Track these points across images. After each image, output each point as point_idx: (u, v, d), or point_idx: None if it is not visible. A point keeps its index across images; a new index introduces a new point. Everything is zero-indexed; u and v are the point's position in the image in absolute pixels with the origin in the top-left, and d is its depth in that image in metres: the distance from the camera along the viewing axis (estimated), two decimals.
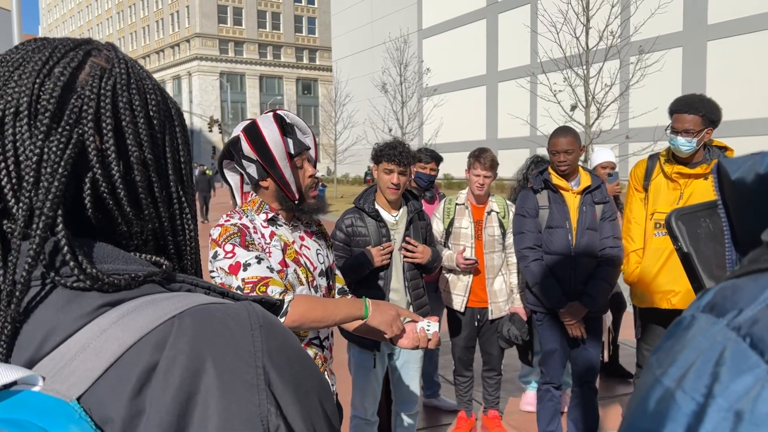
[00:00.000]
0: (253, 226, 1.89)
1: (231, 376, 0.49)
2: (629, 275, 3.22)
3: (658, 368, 0.43)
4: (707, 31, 22.15)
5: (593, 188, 3.22)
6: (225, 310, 0.54)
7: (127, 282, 0.54)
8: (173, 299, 0.53)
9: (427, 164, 4.05)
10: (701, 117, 2.90)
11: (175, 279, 0.59)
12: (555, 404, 3.39)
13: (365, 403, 2.99)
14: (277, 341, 0.54)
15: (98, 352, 0.48)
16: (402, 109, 25.33)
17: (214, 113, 58.67)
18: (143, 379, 0.47)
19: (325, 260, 2.08)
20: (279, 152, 1.87)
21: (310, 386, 0.54)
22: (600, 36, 12.59)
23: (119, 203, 0.58)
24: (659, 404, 0.40)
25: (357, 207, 3.01)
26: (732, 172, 0.54)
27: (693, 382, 0.39)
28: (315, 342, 1.97)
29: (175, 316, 0.51)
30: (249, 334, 0.52)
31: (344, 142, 29.54)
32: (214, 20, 64.60)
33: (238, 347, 0.50)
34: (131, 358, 0.48)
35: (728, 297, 0.41)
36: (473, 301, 3.68)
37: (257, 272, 1.77)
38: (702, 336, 0.41)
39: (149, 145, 0.61)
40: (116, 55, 0.63)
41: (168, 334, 0.50)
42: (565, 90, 12.67)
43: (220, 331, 0.51)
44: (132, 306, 0.52)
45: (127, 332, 0.49)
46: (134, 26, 75.80)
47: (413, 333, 1.96)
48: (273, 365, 0.51)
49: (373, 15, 39.70)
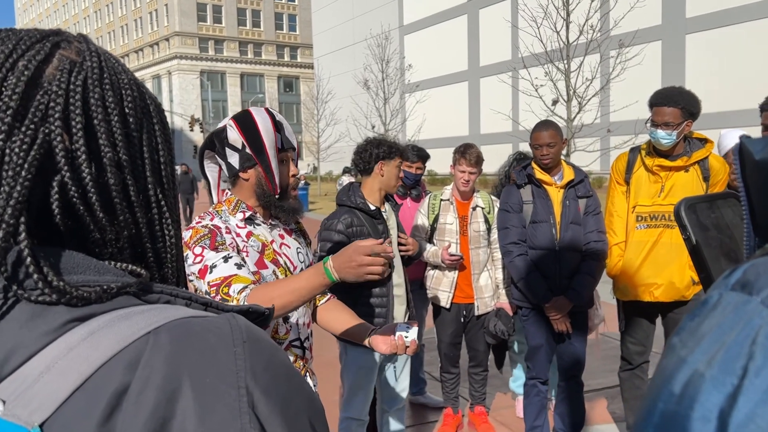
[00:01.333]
0: (226, 227, 1.83)
1: (210, 399, 0.44)
2: (612, 268, 3.23)
3: (682, 348, 0.40)
4: (686, 25, 22.37)
5: (576, 182, 3.22)
6: (205, 325, 0.49)
7: (98, 295, 0.49)
8: (149, 313, 0.49)
9: (413, 163, 4.04)
10: (680, 109, 2.91)
11: (152, 290, 0.54)
12: (541, 399, 3.39)
13: (360, 403, 2.94)
14: (263, 358, 0.49)
15: (64, 373, 0.44)
16: (384, 105, 25.30)
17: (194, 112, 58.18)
18: (113, 402, 0.43)
19: (306, 258, 2.04)
20: (269, 141, 1.86)
21: (299, 406, 0.50)
22: (580, 30, 12.66)
23: (91, 208, 0.54)
24: (687, 387, 0.38)
25: (351, 206, 2.91)
26: (756, 152, 0.53)
27: (726, 362, 0.36)
28: (296, 344, 1.94)
29: (150, 332, 0.47)
30: (231, 350, 0.48)
31: (327, 139, 29.47)
32: (194, 18, 64.05)
33: (218, 366, 0.46)
34: (100, 379, 0.44)
35: (762, 274, 0.39)
36: (459, 296, 3.68)
37: (221, 273, 1.72)
38: (733, 314, 0.38)
39: (124, 145, 0.57)
40: (88, 48, 0.58)
41: (142, 353, 0.46)
42: (547, 85, 12.72)
43: (200, 348, 0.47)
44: (103, 321, 0.48)
45: (97, 350, 0.45)
46: (112, 25, 74.92)
47: (391, 339, 1.94)
48: (257, 385, 0.47)
49: (354, 11, 39.58)
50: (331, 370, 3.08)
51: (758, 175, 0.52)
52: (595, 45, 12.48)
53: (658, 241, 3.05)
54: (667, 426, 0.38)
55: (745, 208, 0.53)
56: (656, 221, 3.05)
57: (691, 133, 3.05)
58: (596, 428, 3.80)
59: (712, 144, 3.04)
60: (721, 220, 0.78)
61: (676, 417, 0.38)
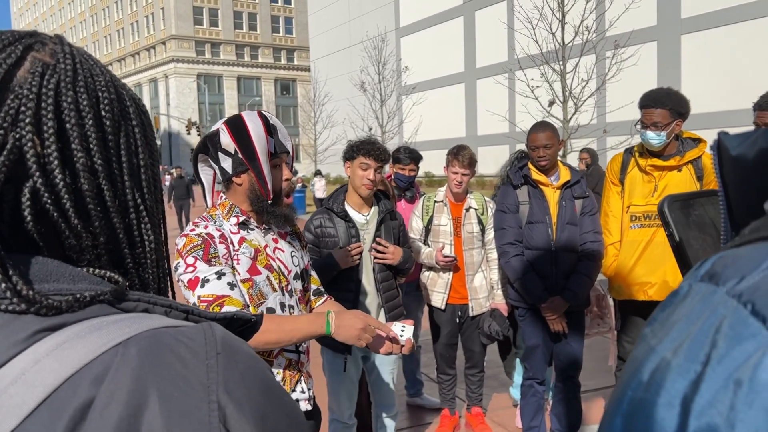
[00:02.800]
0: (221, 233, 1.83)
1: (179, 415, 0.43)
2: (607, 268, 3.24)
3: (652, 338, 0.41)
4: (681, 25, 22.43)
5: (573, 183, 3.23)
6: (177, 336, 0.48)
7: (69, 304, 0.48)
8: (122, 323, 0.48)
9: (406, 165, 4.03)
10: (668, 110, 2.94)
11: (128, 298, 0.52)
12: (538, 399, 3.39)
13: (342, 406, 2.96)
14: (238, 370, 0.47)
15: (30, 386, 0.43)
16: (381, 107, 25.32)
17: (191, 115, 58.17)
18: (77, 417, 0.42)
19: (300, 262, 2.04)
20: (261, 146, 1.84)
21: (276, 420, 0.48)
22: (576, 31, 12.68)
23: (65, 215, 0.53)
24: (654, 374, 0.39)
25: (326, 207, 2.96)
26: (732, 148, 0.53)
27: (690, 350, 0.37)
28: (289, 349, 1.94)
29: (120, 343, 0.46)
30: (203, 363, 0.46)
31: (324, 141, 29.46)
32: (190, 22, 64.03)
33: (189, 379, 0.45)
34: (66, 393, 0.43)
35: (728, 265, 0.40)
36: (454, 297, 3.68)
37: (214, 290, 1.72)
38: (700, 305, 0.39)
39: (99, 149, 0.55)
40: (63, 49, 0.57)
41: (109, 366, 0.44)
42: (543, 86, 12.74)
43: (170, 361, 0.45)
44: (73, 332, 0.46)
45: (65, 363, 0.44)
46: (108, 29, 74.87)
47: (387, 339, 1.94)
48: (231, 399, 0.45)
49: (351, 14, 39.61)
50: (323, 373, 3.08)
51: (735, 171, 0.52)
52: (590, 46, 12.51)
53: (652, 240, 3.06)
54: (634, 413, 0.39)
55: (723, 204, 0.53)
56: (650, 221, 3.06)
57: (682, 132, 3.06)
58: (593, 428, 3.80)
59: (705, 143, 3.05)
60: (704, 218, 0.78)
61: (643, 404, 0.39)
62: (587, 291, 3.25)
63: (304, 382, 1.98)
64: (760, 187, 0.48)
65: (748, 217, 0.45)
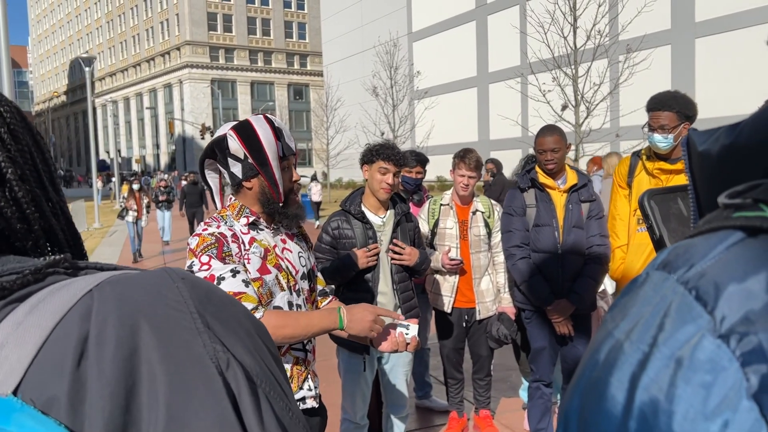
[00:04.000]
0: (233, 233, 1.87)
1: (168, 325, 0.48)
2: (614, 271, 3.25)
3: (611, 323, 0.44)
4: (695, 29, 22.29)
5: (580, 186, 3.24)
6: (142, 274, 0.53)
7: (32, 274, 0.51)
8: (85, 278, 0.52)
9: (413, 168, 4.07)
10: (675, 113, 2.95)
11: (78, 266, 0.57)
12: (545, 402, 3.40)
13: (355, 406, 2.99)
14: (202, 289, 0.53)
15: (20, 343, 0.46)
16: (393, 112, 25.38)
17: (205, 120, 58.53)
18: (79, 349, 0.45)
19: (307, 262, 2.08)
20: (272, 151, 1.89)
21: (249, 327, 0.53)
22: (588, 35, 12.66)
23: (8, 221, 0.57)
24: (608, 355, 0.42)
25: (343, 209, 3.02)
26: (699, 144, 0.56)
27: (640, 333, 0.40)
28: (297, 347, 1.98)
29: (92, 289, 0.49)
30: (173, 286, 0.51)
31: (336, 146, 29.54)
32: (204, 28, 64.58)
33: (167, 299, 0.50)
34: (59, 336, 0.46)
35: (681, 255, 0.43)
36: (460, 301, 3.69)
37: (230, 287, 1.77)
38: (653, 291, 0.42)
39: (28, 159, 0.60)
40: None
41: (91, 305, 0.48)
42: (555, 90, 12.73)
43: (144, 288, 0.50)
44: (42, 295, 0.50)
45: (45, 317, 0.47)
46: (124, 35, 75.69)
47: (392, 336, 1.97)
48: (206, 311, 0.50)
49: (363, 19, 39.76)
50: (336, 373, 3.11)
51: (701, 166, 0.55)
52: (602, 50, 12.48)
53: None
54: (589, 391, 0.42)
55: (692, 198, 0.56)
56: None
57: None
58: None
59: None
60: (683, 211, 0.81)
61: (597, 382, 0.42)
62: (593, 294, 3.26)
63: (311, 380, 2.02)
64: (723, 181, 0.51)
65: (712, 209, 0.48)
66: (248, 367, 0.49)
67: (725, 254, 0.40)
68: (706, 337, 0.37)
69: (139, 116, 74.43)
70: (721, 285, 0.38)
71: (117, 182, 28.01)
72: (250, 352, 0.50)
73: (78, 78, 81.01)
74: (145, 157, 71.74)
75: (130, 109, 76.11)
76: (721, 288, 0.38)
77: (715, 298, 0.38)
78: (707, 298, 0.38)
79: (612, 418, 0.39)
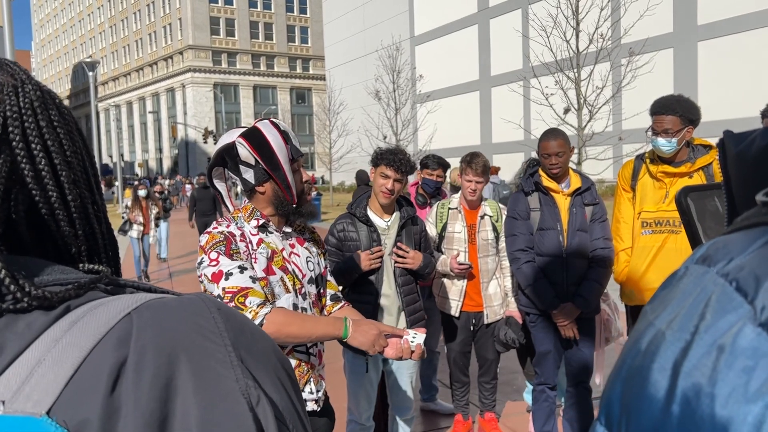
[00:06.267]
0: (242, 233, 1.93)
1: (204, 358, 0.48)
2: (619, 274, 3.26)
3: (651, 314, 0.47)
4: (697, 32, 22.31)
5: (583, 190, 3.25)
6: (180, 300, 0.54)
7: (74, 290, 0.52)
8: (122, 299, 0.53)
9: (434, 171, 4.13)
10: (679, 117, 2.96)
11: (118, 283, 0.58)
12: (550, 405, 3.41)
13: (360, 407, 3.01)
14: (237, 322, 0.54)
15: (58, 362, 0.46)
16: (396, 115, 25.41)
17: (208, 124, 58.72)
18: (114, 374, 0.46)
19: (316, 267, 2.11)
20: (283, 156, 1.95)
21: (275, 361, 0.55)
22: (590, 39, 12.69)
23: (58, 223, 0.58)
24: (650, 344, 0.44)
25: (349, 212, 3.05)
26: (734, 146, 0.59)
27: (682, 322, 0.43)
28: (300, 349, 2.01)
29: (130, 312, 0.50)
30: (210, 317, 0.52)
31: (339, 150, 29.60)
32: (207, 32, 64.75)
33: (203, 330, 0.51)
34: (96, 359, 0.46)
35: (720, 249, 0.46)
36: (468, 305, 3.70)
37: (238, 282, 1.81)
38: (693, 283, 0.45)
39: (77, 162, 0.60)
40: (18, 69, 0.60)
41: (129, 330, 0.48)
42: (557, 93, 12.75)
43: (183, 317, 0.51)
44: (81, 312, 0.50)
45: (84, 337, 0.48)
46: (127, 40, 75.90)
47: (397, 343, 2.00)
48: (240, 344, 0.51)
49: (366, 23, 39.85)
50: (343, 375, 3.13)
51: (736, 167, 0.58)
52: (605, 53, 12.50)
53: (663, 246, 3.08)
54: (631, 378, 0.45)
55: (726, 197, 0.59)
56: (661, 227, 3.09)
57: (693, 139, 3.08)
58: None
59: (715, 150, 3.07)
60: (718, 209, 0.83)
61: (639, 369, 0.44)
62: (598, 297, 3.28)
63: (313, 384, 2.04)
64: (757, 181, 0.54)
65: (747, 208, 0.51)
66: (277, 403, 0.51)
67: (764, 249, 0.42)
68: (747, 326, 0.39)
69: (141, 120, 74.57)
70: (761, 277, 0.40)
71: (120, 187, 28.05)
72: (277, 388, 0.52)
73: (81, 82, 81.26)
74: (148, 161, 71.94)
75: (133, 114, 76.28)
76: (761, 280, 0.40)
77: (755, 289, 0.40)
78: (747, 289, 0.40)
79: (655, 402, 0.41)
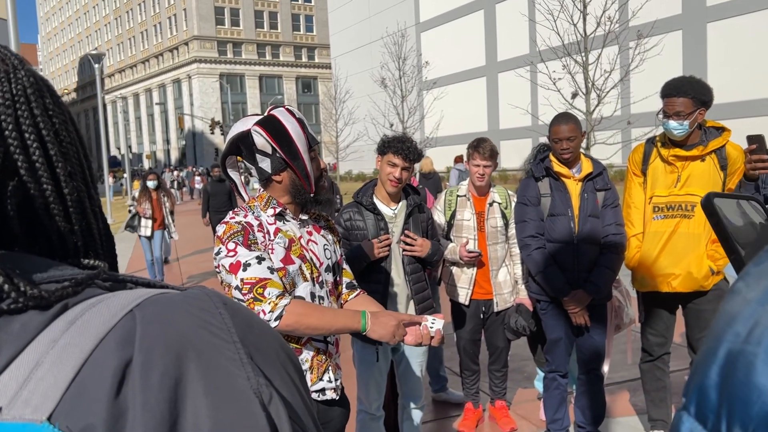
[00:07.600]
0: (259, 222, 1.91)
1: (214, 355, 0.46)
2: (630, 260, 3.22)
3: (748, 292, 0.42)
4: (706, 13, 22.01)
5: (595, 175, 3.21)
6: (184, 296, 0.51)
7: (70, 288, 0.49)
8: (122, 295, 0.50)
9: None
10: (691, 99, 2.89)
11: (117, 278, 0.55)
12: (561, 392, 3.39)
13: (369, 397, 3.00)
14: (244, 317, 0.52)
15: (57, 364, 0.43)
16: (402, 103, 25.28)
17: (215, 115, 58.72)
18: (119, 376, 0.43)
19: (333, 255, 2.10)
20: (301, 144, 1.91)
21: (283, 357, 0.53)
22: (597, 22, 12.54)
23: (52, 219, 0.54)
24: (755, 327, 0.40)
25: (355, 201, 3.03)
26: None
27: None
28: (317, 338, 1.98)
29: (132, 309, 0.47)
30: (216, 313, 0.49)
31: (345, 138, 29.51)
32: (212, 22, 64.58)
33: (210, 327, 0.48)
34: (98, 360, 0.43)
35: None
36: (478, 293, 3.68)
37: (256, 273, 1.79)
38: None
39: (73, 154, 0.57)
40: (9, 54, 0.55)
41: (133, 328, 0.45)
42: (565, 78, 12.63)
43: (188, 313, 0.48)
44: (79, 310, 0.47)
45: (84, 337, 0.45)
46: (132, 31, 75.85)
47: (416, 330, 1.97)
48: (248, 340, 0.49)
49: (371, 10, 39.59)
50: (352, 365, 3.12)
51: None
52: (613, 37, 12.36)
53: (675, 231, 3.03)
54: (732, 365, 0.40)
55: None
56: (673, 211, 3.04)
57: (705, 121, 3.02)
58: (618, 420, 3.79)
59: (729, 132, 3.01)
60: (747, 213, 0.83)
61: (743, 354, 0.39)
62: (610, 284, 3.24)
63: (332, 372, 2.03)
64: None
65: None
66: (288, 400, 0.49)
67: None
68: None
69: (148, 112, 74.67)
70: None
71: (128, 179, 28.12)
72: (287, 385, 0.50)
73: (88, 75, 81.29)
74: (156, 152, 72.09)
75: (139, 105, 76.36)
76: None
77: None
78: None
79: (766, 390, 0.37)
